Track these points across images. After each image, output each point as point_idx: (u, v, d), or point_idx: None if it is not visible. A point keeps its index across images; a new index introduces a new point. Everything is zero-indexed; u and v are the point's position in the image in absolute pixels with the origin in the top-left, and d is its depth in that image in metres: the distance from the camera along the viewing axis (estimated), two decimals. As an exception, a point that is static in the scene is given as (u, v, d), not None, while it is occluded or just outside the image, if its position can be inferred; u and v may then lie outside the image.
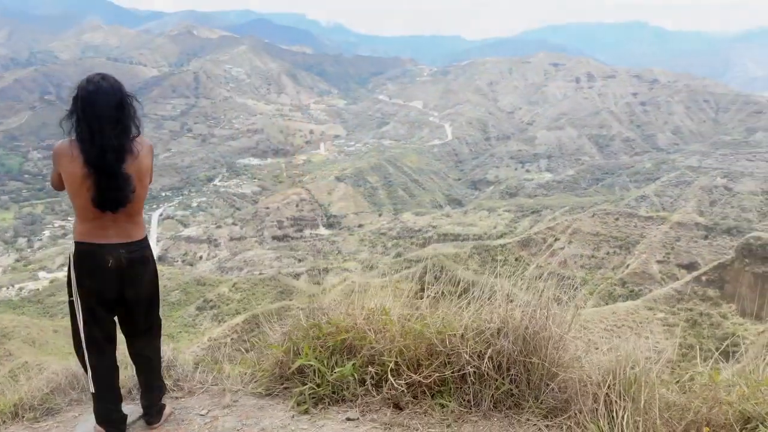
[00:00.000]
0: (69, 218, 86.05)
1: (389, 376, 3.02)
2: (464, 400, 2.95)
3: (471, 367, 2.87)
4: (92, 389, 3.01)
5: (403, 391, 3.00)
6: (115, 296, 2.99)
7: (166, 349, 3.74)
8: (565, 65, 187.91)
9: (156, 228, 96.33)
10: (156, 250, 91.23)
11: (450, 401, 2.94)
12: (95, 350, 2.99)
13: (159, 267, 3.30)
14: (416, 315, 3.24)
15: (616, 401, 2.50)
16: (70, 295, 2.98)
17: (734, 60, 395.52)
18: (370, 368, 3.10)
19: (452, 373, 2.94)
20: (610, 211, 75.51)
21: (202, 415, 3.25)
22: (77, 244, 2.94)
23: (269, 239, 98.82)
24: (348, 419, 3.00)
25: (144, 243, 3.08)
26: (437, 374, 2.95)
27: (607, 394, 2.55)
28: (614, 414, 2.49)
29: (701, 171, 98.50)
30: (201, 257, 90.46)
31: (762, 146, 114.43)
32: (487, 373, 2.87)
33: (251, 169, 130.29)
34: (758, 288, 51.07)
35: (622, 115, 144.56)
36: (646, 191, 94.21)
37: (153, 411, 3.21)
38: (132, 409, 3.31)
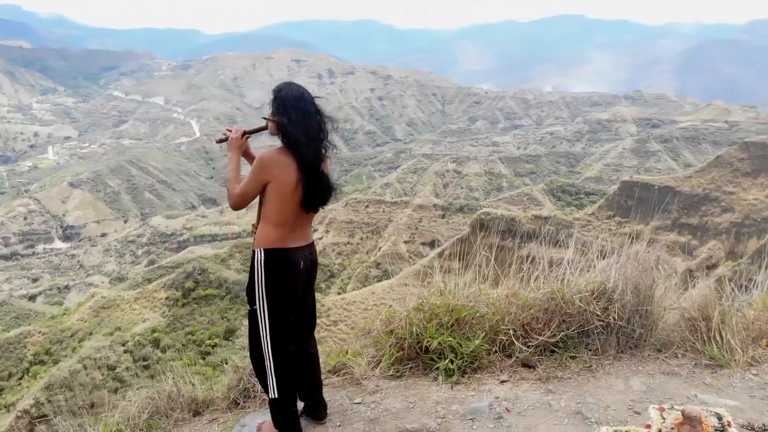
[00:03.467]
0: None
1: (514, 341, 3.32)
2: (591, 350, 3.40)
3: (598, 321, 3.34)
4: (275, 395, 2.97)
5: (532, 352, 3.33)
6: (299, 298, 3.06)
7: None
8: (307, 61, 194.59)
9: None
10: None
11: (579, 353, 3.36)
12: (283, 355, 2.98)
13: None
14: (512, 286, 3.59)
15: (720, 326, 3.20)
16: (253, 303, 2.95)
17: (456, 56, 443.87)
18: (501, 336, 3.37)
19: (575, 329, 3.39)
20: (361, 199, 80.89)
21: (357, 403, 3.27)
22: (270, 251, 2.94)
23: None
24: (502, 381, 3.26)
25: (314, 244, 3.19)
26: (562, 333, 3.35)
27: (710, 323, 3.24)
28: (715, 337, 3.19)
29: (434, 158, 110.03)
30: None
31: (482, 133, 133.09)
32: (615, 324, 3.36)
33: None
34: (492, 258, 59.95)
35: (363, 109, 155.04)
36: (389, 179, 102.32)
37: (321, 406, 3.23)
38: None
